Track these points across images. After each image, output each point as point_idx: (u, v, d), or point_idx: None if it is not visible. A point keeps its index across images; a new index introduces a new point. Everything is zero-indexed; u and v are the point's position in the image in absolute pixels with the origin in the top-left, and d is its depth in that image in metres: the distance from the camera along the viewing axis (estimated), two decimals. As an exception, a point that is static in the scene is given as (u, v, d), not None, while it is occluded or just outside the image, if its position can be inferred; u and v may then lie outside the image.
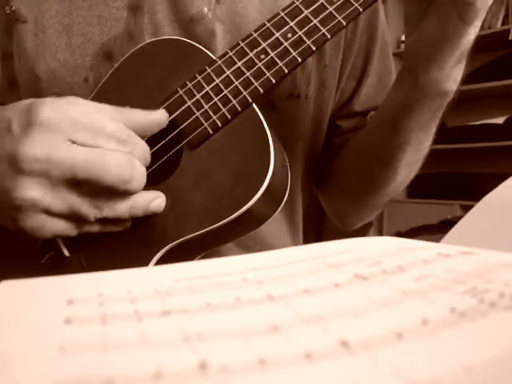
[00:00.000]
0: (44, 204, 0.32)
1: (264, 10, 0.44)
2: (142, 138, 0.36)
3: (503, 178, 0.32)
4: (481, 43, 0.39)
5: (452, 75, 0.39)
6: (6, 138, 0.32)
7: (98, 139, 0.33)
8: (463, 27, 0.35)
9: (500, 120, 2.23)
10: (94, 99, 0.41)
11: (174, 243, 0.37)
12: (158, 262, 0.37)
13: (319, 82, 0.51)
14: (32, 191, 0.31)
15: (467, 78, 0.43)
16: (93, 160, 0.32)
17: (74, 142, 0.32)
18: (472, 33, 0.36)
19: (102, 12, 0.45)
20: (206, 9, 0.45)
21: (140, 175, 0.34)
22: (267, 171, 0.36)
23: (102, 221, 0.35)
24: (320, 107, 0.52)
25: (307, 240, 0.54)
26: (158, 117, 0.37)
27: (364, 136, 0.51)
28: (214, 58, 0.39)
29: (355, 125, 0.55)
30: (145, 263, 0.37)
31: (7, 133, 0.32)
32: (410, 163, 0.49)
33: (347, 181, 0.55)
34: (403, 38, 2.55)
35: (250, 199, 0.36)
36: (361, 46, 0.54)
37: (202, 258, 0.41)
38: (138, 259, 0.37)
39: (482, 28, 0.37)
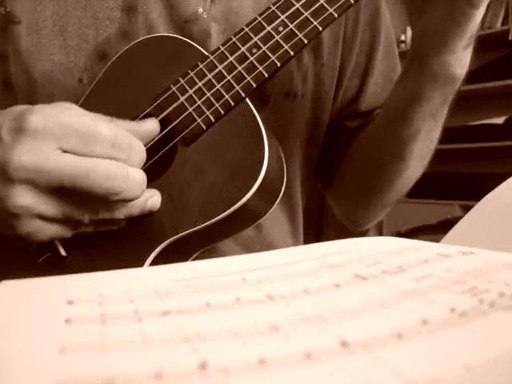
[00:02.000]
0: (37, 210, 0.32)
1: (259, 8, 0.44)
2: None
3: (503, 178, 0.32)
4: (481, 43, 0.39)
5: (462, 59, 0.40)
6: None
7: (91, 146, 0.32)
8: (472, 11, 0.35)
9: (500, 120, 2.23)
10: (87, 98, 0.41)
11: (171, 240, 0.37)
12: (155, 260, 0.37)
13: (316, 80, 0.51)
14: (24, 199, 0.31)
15: (467, 78, 0.43)
16: (81, 171, 0.31)
17: (65, 151, 0.32)
18: (479, 16, 0.36)
19: (96, 12, 0.44)
20: (201, 9, 0.45)
21: (136, 183, 0.33)
22: (261, 166, 0.36)
23: (97, 221, 0.35)
24: (318, 106, 0.52)
25: (307, 240, 0.54)
26: (149, 126, 0.37)
27: (372, 132, 0.51)
28: (207, 53, 0.39)
29: (361, 123, 0.55)
30: (142, 261, 0.37)
31: None
32: (421, 154, 0.49)
33: (357, 179, 0.55)
34: (403, 37, 2.55)
35: (245, 194, 0.36)
36: (363, 44, 0.53)
37: (198, 256, 0.41)
38: (135, 257, 0.37)
39: (481, 28, 0.38)
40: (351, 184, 0.56)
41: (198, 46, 0.40)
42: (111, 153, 0.33)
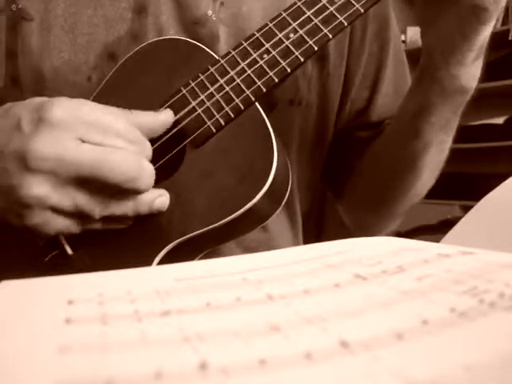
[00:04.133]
0: (50, 201, 0.32)
1: (268, 13, 0.44)
2: (149, 138, 0.36)
3: (503, 177, 0.32)
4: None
5: (471, 72, 0.40)
6: (15, 135, 0.32)
7: (108, 138, 0.33)
8: (480, 27, 0.36)
9: (500, 120, 2.23)
10: (96, 98, 0.41)
11: (178, 241, 0.37)
12: (162, 260, 0.37)
13: (322, 90, 0.51)
14: (39, 189, 0.32)
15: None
16: (99, 158, 0.32)
17: (83, 141, 0.32)
18: (488, 30, 0.37)
19: (107, 12, 0.45)
20: (210, 12, 0.45)
21: (148, 174, 0.35)
22: (270, 169, 0.37)
23: (106, 218, 0.36)
24: (322, 116, 0.52)
25: (307, 240, 0.54)
26: (164, 117, 0.38)
27: (383, 143, 0.51)
28: (217, 57, 0.40)
29: (372, 134, 0.55)
30: (149, 261, 0.37)
31: (16, 130, 0.32)
32: (433, 165, 0.48)
33: (370, 190, 0.55)
34: (403, 37, 2.55)
35: (254, 197, 0.36)
36: (371, 56, 0.53)
37: (203, 257, 0.41)
38: (143, 257, 0.37)
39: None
40: (364, 194, 0.56)
41: (208, 50, 0.40)
42: (127, 146, 0.34)
